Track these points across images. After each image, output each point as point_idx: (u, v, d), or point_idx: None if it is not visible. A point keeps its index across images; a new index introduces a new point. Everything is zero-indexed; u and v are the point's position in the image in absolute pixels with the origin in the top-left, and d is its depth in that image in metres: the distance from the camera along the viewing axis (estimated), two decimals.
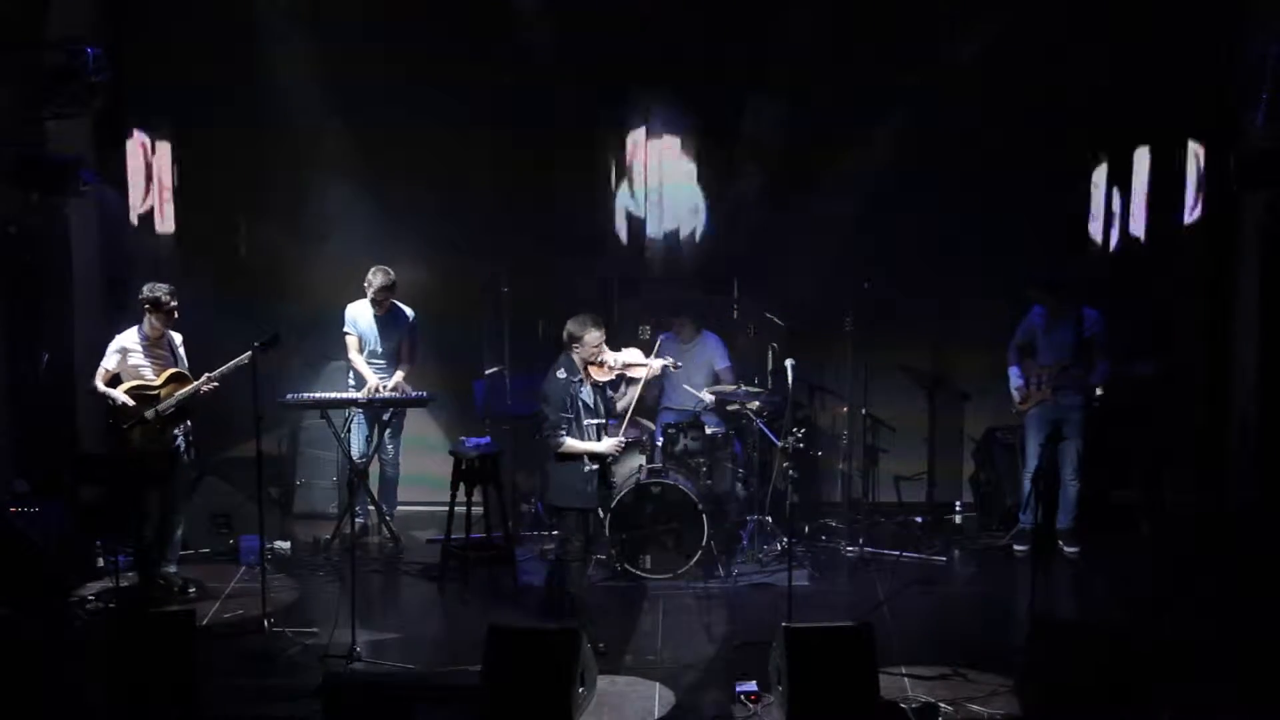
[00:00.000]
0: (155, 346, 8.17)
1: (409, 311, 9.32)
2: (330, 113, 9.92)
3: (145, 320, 8.13)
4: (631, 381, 7.68)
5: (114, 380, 8.12)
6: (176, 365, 8.19)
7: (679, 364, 8.04)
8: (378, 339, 9.20)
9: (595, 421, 7.47)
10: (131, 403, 8.05)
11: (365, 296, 9.24)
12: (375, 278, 9.12)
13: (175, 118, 10.02)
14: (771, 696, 6.68)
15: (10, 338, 8.78)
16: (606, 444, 7.48)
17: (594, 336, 7.38)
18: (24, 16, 8.58)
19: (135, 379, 8.11)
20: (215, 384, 8.04)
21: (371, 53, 9.86)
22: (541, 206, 10.01)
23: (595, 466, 7.46)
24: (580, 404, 7.41)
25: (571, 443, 7.37)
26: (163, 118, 10.02)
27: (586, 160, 10.14)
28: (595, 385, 7.50)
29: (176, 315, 8.13)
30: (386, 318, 9.20)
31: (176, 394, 8.08)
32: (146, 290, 8.13)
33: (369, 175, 10.02)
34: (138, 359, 8.14)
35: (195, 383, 8.07)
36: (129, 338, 8.16)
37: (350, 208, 10.01)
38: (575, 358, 7.42)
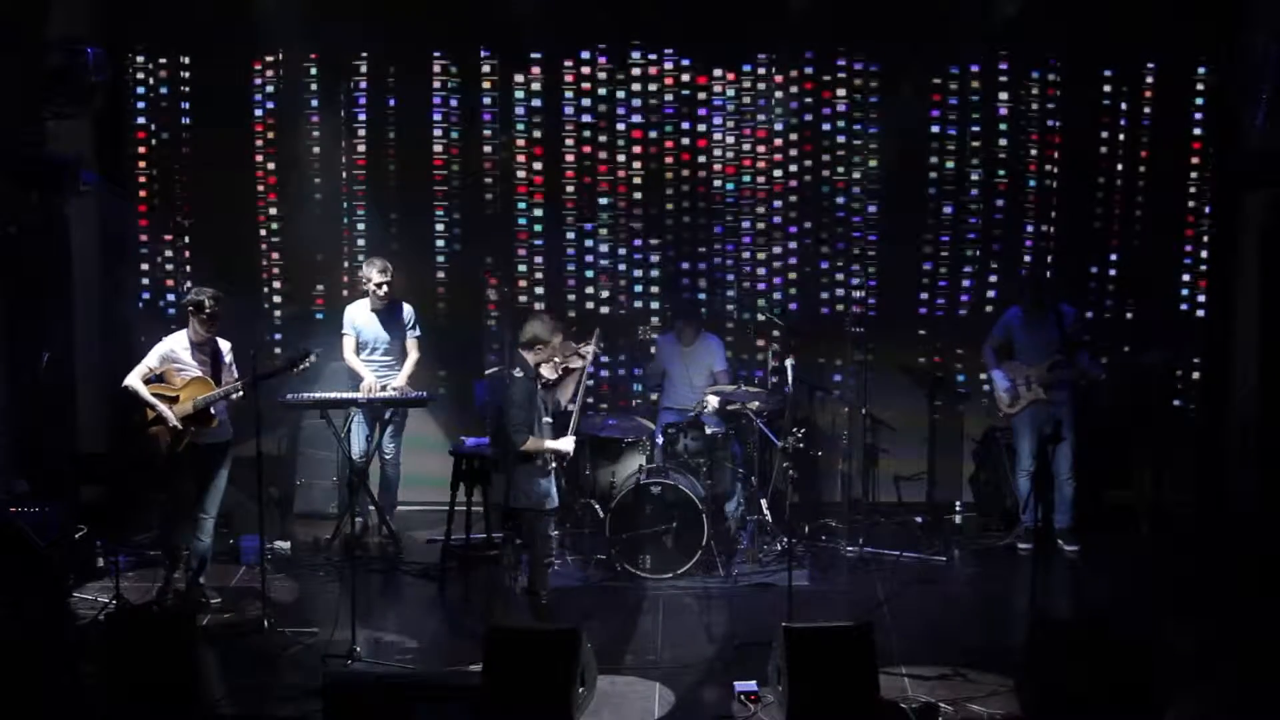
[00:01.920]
0: (200, 352, 7.96)
1: (407, 307, 9.29)
2: (332, 111, 9.96)
3: (190, 324, 7.95)
4: (569, 372, 7.68)
5: (153, 380, 7.94)
6: (221, 372, 7.94)
7: (601, 344, 7.98)
8: (379, 336, 9.15)
9: (548, 420, 7.52)
10: (162, 408, 7.83)
11: (363, 297, 9.20)
12: (373, 271, 9.01)
13: (175, 118, 10.03)
14: (771, 696, 6.68)
15: (10, 338, 8.77)
16: (567, 442, 7.52)
17: (559, 340, 7.45)
18: (24, 16, 8.58)
19: (166, 383, 7.96)
20: (249, 387, 7.82)
21: (371, 51, 9.89)
22: (542, 208, 10.02)
23: (554, 466, 7.49)
24: (539, 403, 7.45)
25: (535, 441, 7.39)
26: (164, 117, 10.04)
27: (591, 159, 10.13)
28: (543, 384, 7.54)
29: (218, 321, 7.89)
30: (386, 314, 9.16)
31: (205, 395, 7.84)
32: (191, 294, 7.98)
33: (369, 174, 10.04)
34: (182, 363, 7.94)
35: (227, 386, 7.87)
36: (177, 340, 7.98)
37: (350, 207, 10.01)
38: (529, 358, 7.43)
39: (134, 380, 7.91)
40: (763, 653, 6.87)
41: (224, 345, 8.07)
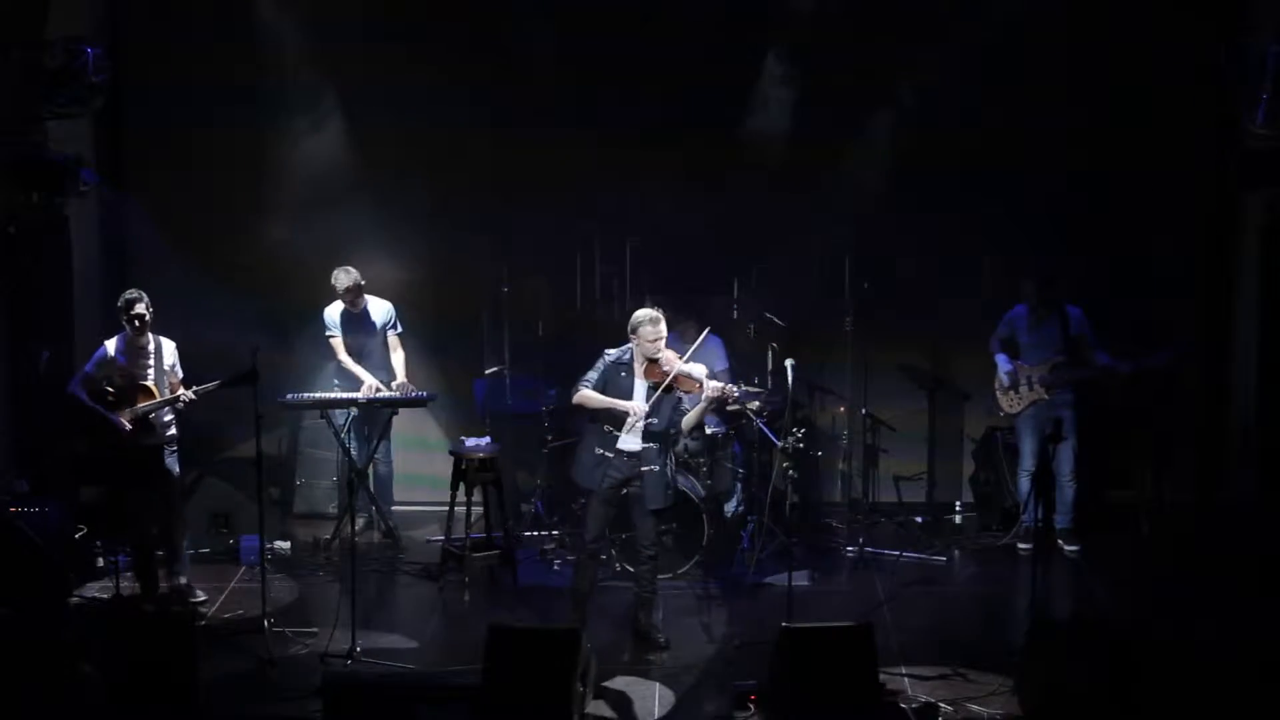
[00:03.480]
0: (138, 355, 8.02)
1: (386, 304, 9.31)
2: (331, 112, 9.96)
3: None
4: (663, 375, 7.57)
5: (100, 383, 8.00)
6: (151, 376, 7.99)
7: (738, 394, 7.81)
8: (357, 337, 9.20)
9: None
10: (108, 414, 7.92)
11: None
12: (341, 278, 9.08)
13: (175, 118, 10.03)
14: (771, 697, 6.67)
15: (10, 338, 8.78)
16: (628, 403, 7.40)
17: (647, 331, 7.43)
18: (24, 16, 8.58)
19: (110, 386, 7.99)
20: (193, 399, 7.95)
21: (370, 51, 9.88)
22: (541, 207, 10.01)
23: (608, 455, 7.43)
24: (618, 386, 7.43)
25: (587, 393, 7.43)
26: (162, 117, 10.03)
27: (590, 160, 10.12)
28: (653, 385, 7.46)
29: (144, 320, 7.93)
30: (364, 313, 9.20)
31: (145, 404, 7.92)
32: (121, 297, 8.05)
33: (368, 174, 10.04)
34: (120, 367, 8.00)
35: (171, 396, 7.97)
36: (112, 344, 8.06)
37: (349, 207, 10.01)
38: (635, 349, 7.48)
39: (75, 387, 7.99)
40: (763, 653, 6.87)
41: (168, 346, 8.12)
